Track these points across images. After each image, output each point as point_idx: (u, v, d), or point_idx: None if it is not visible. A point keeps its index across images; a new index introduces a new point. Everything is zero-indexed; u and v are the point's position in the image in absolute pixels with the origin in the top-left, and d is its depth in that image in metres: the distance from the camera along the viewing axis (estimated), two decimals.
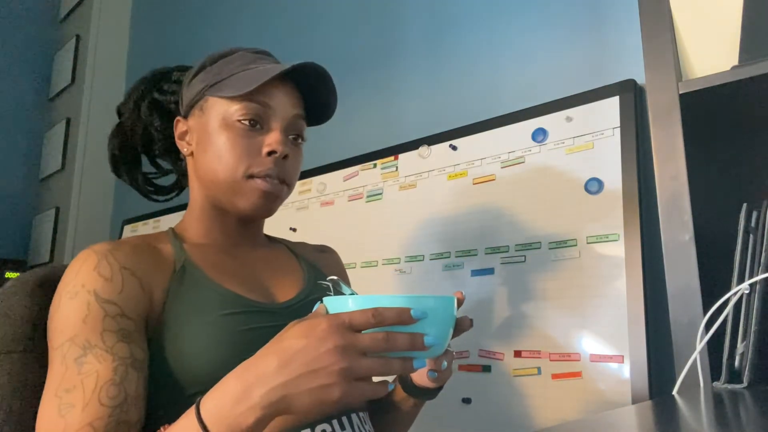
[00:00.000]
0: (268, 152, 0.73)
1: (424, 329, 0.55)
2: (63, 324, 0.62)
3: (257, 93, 0.73)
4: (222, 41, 2.10)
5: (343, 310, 0.55)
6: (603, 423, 0.46)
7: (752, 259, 0.65)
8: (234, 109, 0.73)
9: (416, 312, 0.53)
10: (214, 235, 0.78)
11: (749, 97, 0.70)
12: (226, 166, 0.72)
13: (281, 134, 0.74)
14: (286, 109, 0.75)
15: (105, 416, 0.57)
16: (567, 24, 1.14)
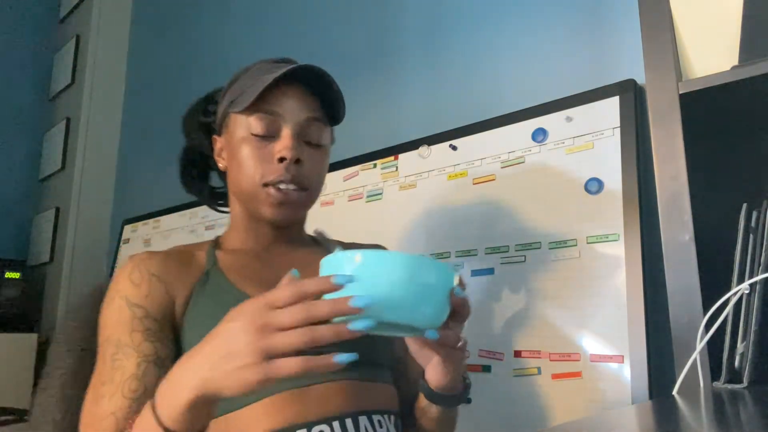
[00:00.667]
0: (279, 159, 0.75)
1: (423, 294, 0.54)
2: (103, 325, 0.72)
3: (264, 102, 0.76)
4: (221, 41, 2.11)
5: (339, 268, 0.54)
6: (603, 423, 0.46)
7: (752, 259, 0.65)
8: (248, 121, 0.77)
9: (340, 278, 0.52)
10: (249, 241, 0.83)
11: (749, 97, 0.70)
12: (245, 176, 0.77)
13: (291, 139, 0.76)
14: (295, 113, 0.77)
15: (126, 407, 0.65)
16: (567, 24, 1.14)
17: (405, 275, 0.54)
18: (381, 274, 0.53)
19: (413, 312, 0.55)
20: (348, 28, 1.61)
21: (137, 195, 2.42)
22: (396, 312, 0.54)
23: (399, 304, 0.54)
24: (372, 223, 1.34)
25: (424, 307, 0.56)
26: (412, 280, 0.54)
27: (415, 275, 0.54)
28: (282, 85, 0.76)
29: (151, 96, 2.49)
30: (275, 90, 0.76)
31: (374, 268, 0.54)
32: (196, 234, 1.84)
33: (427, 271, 0.56)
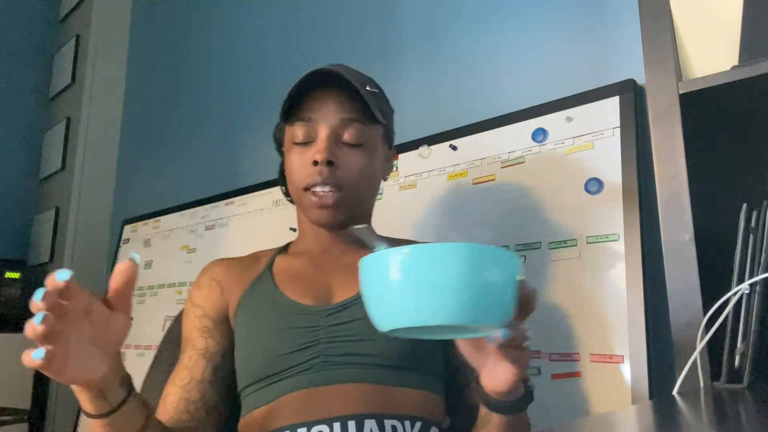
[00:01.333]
0: (313, 162, 0.78)
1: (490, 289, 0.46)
2: (182, 325, 0.84)
3: (300, 110, 0.80)
4: (222, 41, 2.10)
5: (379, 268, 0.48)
6: (603, 423, 0.46)
7: (752, 259, 0.65)
8: (291, 131, 0.82)
9: (61, 274, 0.52)
10: (309, 245, 0.87)
11: (749, 97, 0.70)
12: (292, 184, 0.82)
13: (324, 142, 0.78)
14: (328, 116, 0.79)
15: (173, 393, 0.76)
16: (567, 24, 1.14)
17: (463, 269, 0.46)
18: (433, 270, 0.46)
19: (476, 311, 0.47)
20: (348, 27, 1.61)
21: (137, 195, 2.42)
22: (454, 313, 0.46)
23: (458, 304, 0.46)
24: (372, 223, 1.33)
25: (489, 305, 0.48)
26: (473, 274, 0.46)
27: (476, 269, 0.46)
28: (316, 91, 0.79)
29: (151, 96, 2.49)
30: (309, 97, 0.79)
31: (424, 264, 0.46)
32: (196, 234, 1.84)
33: (490, 262, 0.47)
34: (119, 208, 2.53)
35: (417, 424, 0.71)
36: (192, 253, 1.81)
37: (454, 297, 0.46)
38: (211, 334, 0.80)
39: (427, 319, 0.46)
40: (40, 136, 2.84)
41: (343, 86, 0.79)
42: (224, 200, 1.75)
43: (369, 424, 0.68)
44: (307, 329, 0.74)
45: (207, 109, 2.06)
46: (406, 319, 0.47)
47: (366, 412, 0.69)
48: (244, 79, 1.90)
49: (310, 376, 0.71)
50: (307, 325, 0.74)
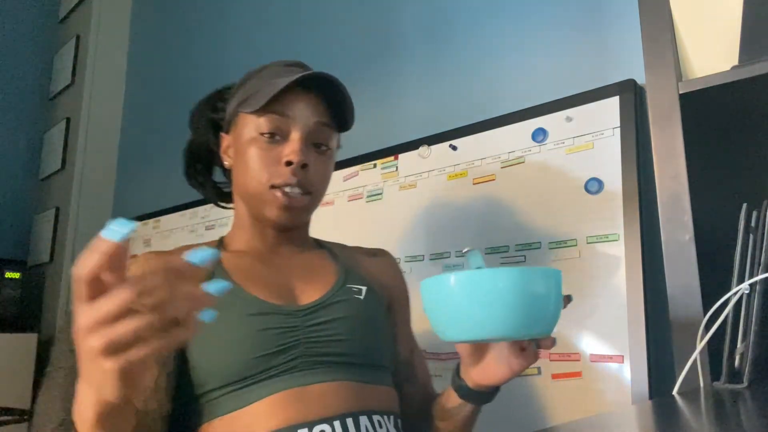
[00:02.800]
0: (286, 162, 0.75)
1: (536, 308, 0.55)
2: None
3: (276, 104, 0.76)
4: (221, 41, 2.10)
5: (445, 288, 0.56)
6: (603, 423, 0.46)
7: (752, 259, 0.65)
8: (258, 122, 0.77)
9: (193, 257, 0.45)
10: (254, 243, 0.82)
11: (749, 97, 0.70)
12: (252, 178, 0.77)
13: (299, 143, 0.76)
14: (305, 117, 0.77)
15: None
16: (567, 24, 1.14)
17: (517, 291, 0.54)
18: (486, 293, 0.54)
19: (530, 326, 0.55)
20: (348, 28, 1.61)
21: (137, 195, 2.42)
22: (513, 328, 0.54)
23: (515, 320, 0.54)
24: (372, 223, 1.34)
25: (540, 318, 0.56)
26: (524, 295, 0.54)
27: (527, 290, 0.54)
28: (294, 90, 0.77)
29: (151, 96, 2.49)
30: (287, 93, 0.77)
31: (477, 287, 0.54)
32: (196, 234, 1.84)
33: (540, 281, 0.56)
34: (119, 208, 2.53)
35: (392, 418, 0.75)
36: None
37: (512, 316, 0.54)
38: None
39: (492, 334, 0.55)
40: (40, 136, 2.84)
41: (321, 90, 0.79)
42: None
43: (363, 421, 0.70)
44: (285, 330, 0.72)
45: None
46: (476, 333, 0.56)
47: (356, 409, 0.70)
48: None
49: (294, 376, 0.70)
50: (284, 326, 0.72)
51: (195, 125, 0.91)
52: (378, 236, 1.31)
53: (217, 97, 0.90)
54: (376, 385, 0.75)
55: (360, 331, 0.76)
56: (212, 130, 0.89)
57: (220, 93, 0.90)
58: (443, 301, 0.57)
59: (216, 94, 0.91)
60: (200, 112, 0.90)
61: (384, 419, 0.73)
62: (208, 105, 0.90)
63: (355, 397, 0.71)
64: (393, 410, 0.76)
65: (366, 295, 0.80)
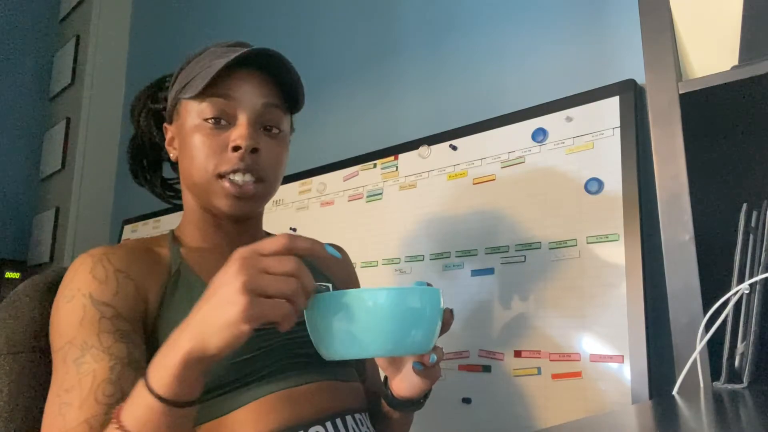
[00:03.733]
0: (233, 148, 0.70)
1: (412, 325, 0.56)
2: (62, 327, 0.64)
3: (219, 87, 0.70)
4: (220, 40, 2.10)
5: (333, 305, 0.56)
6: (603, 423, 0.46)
7: (752, 259, 0.65)
8: (200, 108, 0.71)
9: (328, 247, 0.56)
10: (210, 237, 0.78)
11: (749, 97, 0.70)
12: (197, 167, 0.71)
13: (248, 127, 0.70)
14: (252, 99, 0.71)
15: (101, 413, 0.58)
16: (567, 24, 1.14)
17: (392, 312, 0.55)
18: (368, 312, 0.55)
19: (406, 343, 0.56)
20: (348, 27, 1.61)
21: (137, 195, 2.42)
22: (390, 346, 0.55)
23: (392, 338, 0.55)
24: (372, 223, 1.34)
25: (415, 336, 0.57)
26: (401, 312, 0.55)
27: (402, 307, 0.55)
28: (238, 70, 0.71)
29: None
30: (230, 75, 0.71)
31: (361, 308, 0.55)
32: None
33: (413, 300, 0.56)
34: (119, 208, 2.53)
35: (366, 415, 0.75)
36: None
37: (387, 334, 0.55)
38: (130, 338, 0.64)
39: (369, 352, 0.56)
40: (40, 136, 2.84)
41: (268, 69, 0.73)
42: None
43: (349, 421, 0.69)
44: (263, 332, 0.69)
45: None
46: (352, 352, 0.56)
47: (341, 409, 0.70)
48: None
49: (280, 378, 0.68)
50: (265, 328, 0.69)
51: (136, 119, 0.85)
52: (378, 236, 1.31)
53: (156, 86, 0.85)
54: (349, 382, 0.75)
55: None
56: (154, 121, 0.84)
57: (159, 82, 0.85)
58: (320, 320, 0.57)
59: (155, 83, 0.85)
60: (140, 103, 0.84)
61: (363, 417, 0.73)
62: (148, 95, 0.84)
63: (337, 397, 0.71)
64: (366, 407, 0.77)
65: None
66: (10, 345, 0.72)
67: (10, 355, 0.71)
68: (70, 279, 0.67)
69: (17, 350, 0.72)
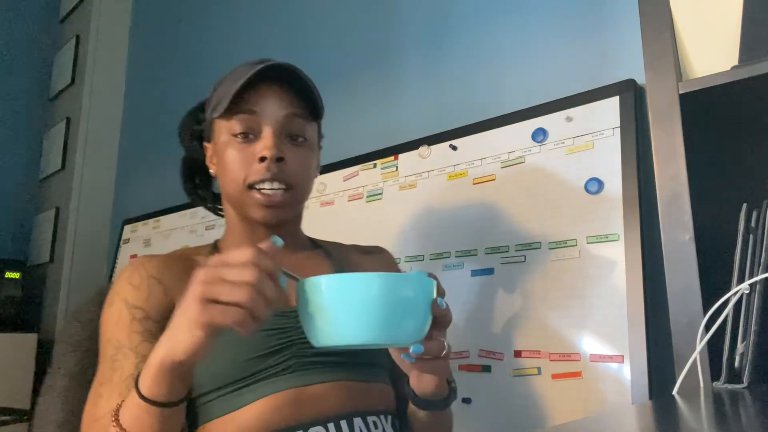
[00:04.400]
0: (260, 158, 0.75)
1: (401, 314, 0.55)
2: (104, 328, 0.73)
3: (243, 103, 0.76)
4: (221, 41, 2.11)
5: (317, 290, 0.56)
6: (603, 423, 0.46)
7: (752, 259, 0.65)
8: (229, 125, 0.77)
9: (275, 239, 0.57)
10: (246, 243, 0.82)
11: (749, 97, 0.70)
12: (230, 180, 0.77)
13: (272, 138, 0.75)
14: (274, 111, 0.76)
15: None
16: (567, 24, 1.14)
17: (378, 295, 0.54)
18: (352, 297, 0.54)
19: (393, 331, 0.55)
20: (348, 27, 1.61)
21: (137, 195, 2.42)
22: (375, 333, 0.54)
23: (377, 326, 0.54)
24: (372, 223, 1.34)
25: (404, 325, 0.56)
26: (388, 299, 0.54)
27: (390, 294, 0.54)
28: (260, 86, 0.77)
29: (151, 96, 2.49)
30: (253, 91, 0.76)
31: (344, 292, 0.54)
32: (196, 234, 1.84)
33: (403, 287, 0.56)
34: (119, 208, 2.53)
35: (389, 418, 0.74)
36: None
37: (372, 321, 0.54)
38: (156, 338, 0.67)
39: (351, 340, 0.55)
40: (40, 136, 2.84)
41: (287, 81, 0.78)
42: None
43: (357, 423, 0.69)
44: (277, 331, 0.72)
45: None
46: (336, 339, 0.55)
47: (351, 410, 0.70)
48: None
49: (288, 377, 0.70)
50: (276, 327, 0.72)
51: (183, 140, 0.91)
52: (378, 236, 1.31)
53: (199, 109, 0.90)
54: (371, 383, 0.75)
55: None
56: (198, 142, 0.89)
57: (202, 104, 0.90)
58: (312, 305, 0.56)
59: (198, 106, 0.91)
60: (186, 125, 0.91)
61: (380, 420, 0.72)
62: (191, 118, 0.90)
63: (349, 398, 0.71)
64: (390, 409, 0.76)
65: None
66: (71, 344, 0.84)
67: (69, 353, 0.83)
68: (113, 285, 0.76)
69: (75, 348, 0.84)
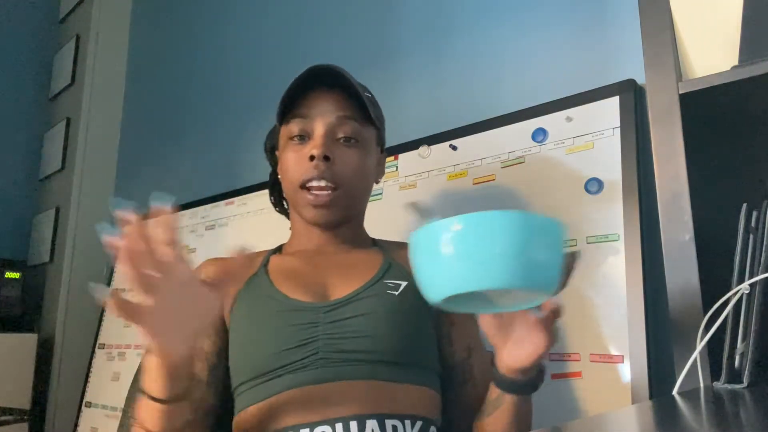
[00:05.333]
0: (309, 157, 0.78)
1: (544, 256, 0.49)
2: None
3: (298, 108, 0.81)
4: (221, 41, 2.10)
5: (433, 241, 0.50)
6: (603, 423, 0.46)
7: (752, 259, 0.65)
8: (287, 130, 0.82)
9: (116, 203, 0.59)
10: (303, 244, 0.86)
11: (749, 97, 0.70)
12: (287, 181, 0.82)
13: (322, 138, 0.79)
14: (326, 113, 0.80)
15: None
16: (567, 24, 1.14)
17: (514, 237, 0.48)
18: (486, 239, 0.48)
19: (529, 276, 0.49)
20: (348, 27, 1.61)
21: (137, 195, 2.42)
22: (509, 278, 0.48)
23: (511, 268, 0.48)
24: (372, 223, 1.33)
25: (540, 270, 0.50)
26: (525, 241, 0.49)
27: (526, 236, 0.49)
28: (316, 91, 0.81)
29: (151, 96, 2.49)
30: (309, 95, 0.81)
31: (477, 234, 0.48)
32: (196, 234, 1.84)
33: (540, 229, 0.50)
34: None
35: (417, 424, 0.71)
36: (192, 253, 1.81)
37: (508, 263, 0.48)
38: (205, 334, 0.79)
39: (484, 283, 0.49)
40: (40, 136, 2.84)
41: (339, 85, 0.81)
42: (224, 200, 1.75)
43: (371, 425, 0.68)
44: (305, 326, 0.73)
45: (207, 109, 2.05)
46: (462, 285, 0.49)
47: (367, 411, 0.68)
48: (244, 79, 1.90)
49: (308, 373, 0.70)
50: (305, 322, 0.74)
51: (267, 155, 0.95)
52: (378, 236, 1.31)
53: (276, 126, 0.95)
54: (401, 383, 0.72)
55: (387, 327, 0.74)
56: (272, 153, 0.93)
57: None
58: (432, 252, 0.51)
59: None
60: (267, 139, 0.95)
61: (402, 424, 0.69)
62: (271, 131, 0.95)
63: (367, 399, 0.69)
64: (420, 414, 0.72)
65: (404, 290, 0.78)
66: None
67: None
68: None
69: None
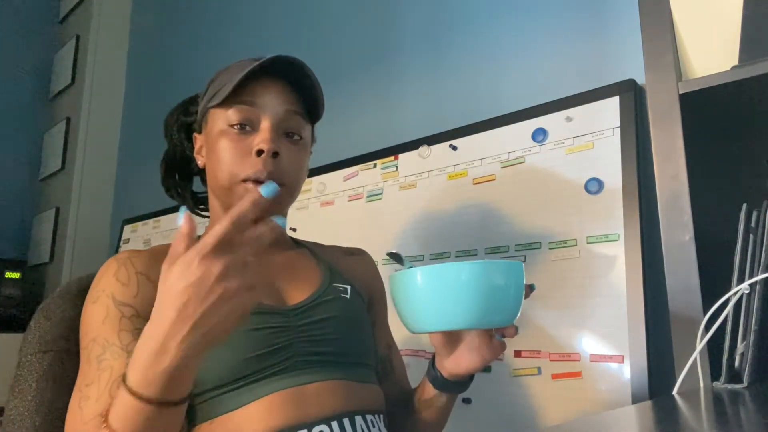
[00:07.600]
0: (257, 152, 0.72)
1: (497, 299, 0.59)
2: (88, 326, 0.69)
3: (244, 94, 0.74)
4: (221, 41, 2.10)
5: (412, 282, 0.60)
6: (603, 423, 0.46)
7: (752, 259, 0.65)
8: (227, 115, 0.75)
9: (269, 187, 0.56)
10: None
11: (749, 97, 0.70)
12: (223, 171, 0.74)
13: (270, 132, 0.73)
14: (274, 105, 0.75)
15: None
16: (567, 24, 1.14)
17: (479, 284, 0.58)
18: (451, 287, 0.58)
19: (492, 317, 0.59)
20: (348, 27, 1.61)
21: (137, 195, 2.42)
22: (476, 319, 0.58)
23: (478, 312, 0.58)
24: (372, 223, 1.33)
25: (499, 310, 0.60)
26: (484, 287, 0.58)
27: (488, 283, 0.59)
28: (262, 79, 0.75)
29: (151, 96, 2.49)
30: (255, 83, 0.74)
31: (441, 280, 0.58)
32: None
33: (497, 276, 0.60)
34: (119, 208, 2.53)
35: (382, 417, 0.75)
36: None
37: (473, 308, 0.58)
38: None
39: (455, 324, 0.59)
40: (40, 136, 2.84)
41: (292, 78, 0.76)
42: None
43: (359, 421, 0.70)
44: (277, 329, 0.71)
45: None
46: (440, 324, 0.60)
47: (352, 408, 0.70)
48: None
49: (289, 376, 0.69)
50: (277, 325, 0.71)
51: (169, 133, 0.88)
52: (378, 236, 1.31)
53: (189, 102, 0.89)
54: (365, 383, 0.75)
55: (348, 330, 0.76)
56: (186, 134, 0.87)
57: (191, 98, 0.89)
58: (411, 295, 0.61)
59: (188, 99, 0.89)
60: (173, 118, 0.88)
61: (375, 418, 0.73)
62: (180, 110, 0.88)
63: (349, 397, 0.71)
64: (382, 409, 0.77)
65: (351, 295, 0.80)
66: (41, 344, 0.78)
67: (40, 353, 0.77)
68: (97, 282, 0.72)
69: (47, 349, 0.77)
